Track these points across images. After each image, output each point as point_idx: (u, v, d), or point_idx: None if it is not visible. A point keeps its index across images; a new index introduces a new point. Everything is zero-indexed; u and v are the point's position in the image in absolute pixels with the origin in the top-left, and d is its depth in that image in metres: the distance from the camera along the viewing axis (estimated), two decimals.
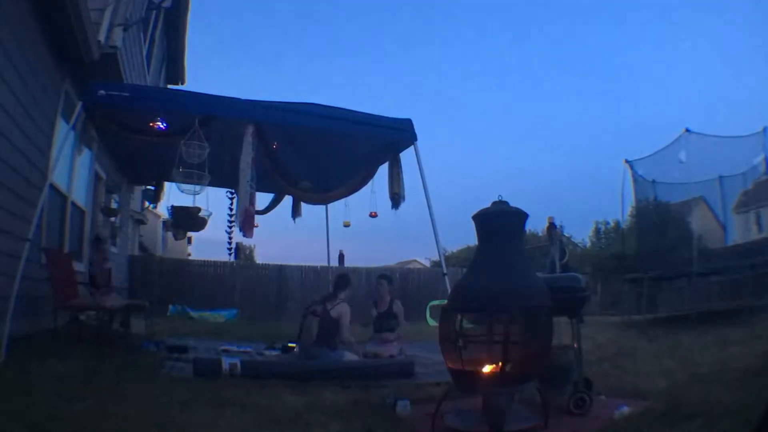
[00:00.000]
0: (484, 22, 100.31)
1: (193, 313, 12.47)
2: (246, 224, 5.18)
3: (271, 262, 16.38)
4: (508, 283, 2.99)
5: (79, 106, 4.88)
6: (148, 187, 8.73)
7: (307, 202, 7.15)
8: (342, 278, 5.79)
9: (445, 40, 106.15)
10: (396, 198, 5.69)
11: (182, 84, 13.63)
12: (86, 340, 5.35)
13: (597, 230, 31.40)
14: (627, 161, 11.72)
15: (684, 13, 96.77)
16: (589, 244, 29.63)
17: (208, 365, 4.48)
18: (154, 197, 8.29)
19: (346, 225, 7.71)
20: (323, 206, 7.83)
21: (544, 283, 3.16)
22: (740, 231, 13.57)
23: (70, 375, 3.66)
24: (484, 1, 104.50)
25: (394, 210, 5.75)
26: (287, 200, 7.67)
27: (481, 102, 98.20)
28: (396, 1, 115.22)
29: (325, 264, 10.04)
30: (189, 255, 24.90)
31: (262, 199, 7.65)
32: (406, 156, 5.77)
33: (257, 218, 7.66)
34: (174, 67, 13.16)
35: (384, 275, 6.84)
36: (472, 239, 18.84)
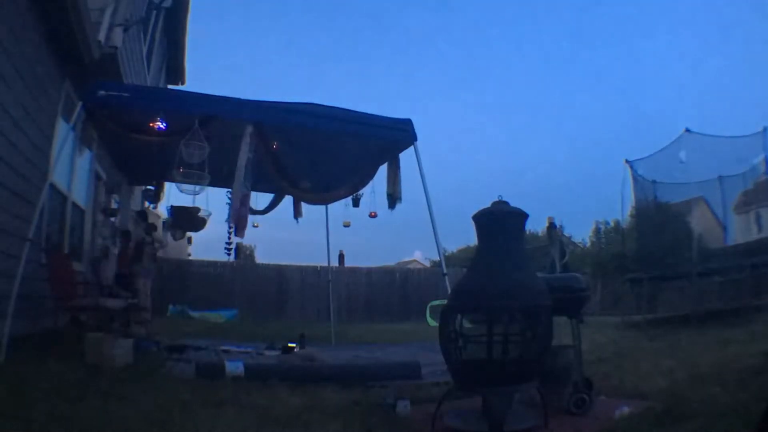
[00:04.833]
0: (485, 21, 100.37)
1: (193, 313, 12.48)
2: (239, 225, 5.19)
3: (271, 262, 16.40)
4: (508, 283, 2.99)
5: (79, 106, 4.88)
6: (148, 187, 8.72)
7: (308, 202, 7.14)
8: None
9: (445, 39, 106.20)
10: (392, 199, 5.71)
11: (182, 84, 13.62)
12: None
13: (597, 230, 31.42)
14: (627, 161, 11.72)
15: (684, 12, 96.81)
16: (589, 244, 29.64)
17: (211, 369, 4.47)
18: (154, 197, 8.29)
19: (346, 225, 7.71)
20: (323, 206, 7.82)
21: (544, 283, 3.16)
22: (740, 231, 13.57)
23: (70, 375, 3.66)
24: (484, 0, 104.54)
25: (390, 210, 5.80)
26: (287, 200, 7.68)
27: (481, 102, 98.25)
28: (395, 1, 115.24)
29: (325, 264, 10.04)
30: (189, 255, 24.86)
31: (262, 199, 7.66)
32: (407, 156, 5.78)
33: (257, 218, 7.69)
34: (174, 67, 13.16)
35: None
36: (472, 239, 18.86)
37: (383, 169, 5.93)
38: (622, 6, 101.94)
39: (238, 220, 5.15)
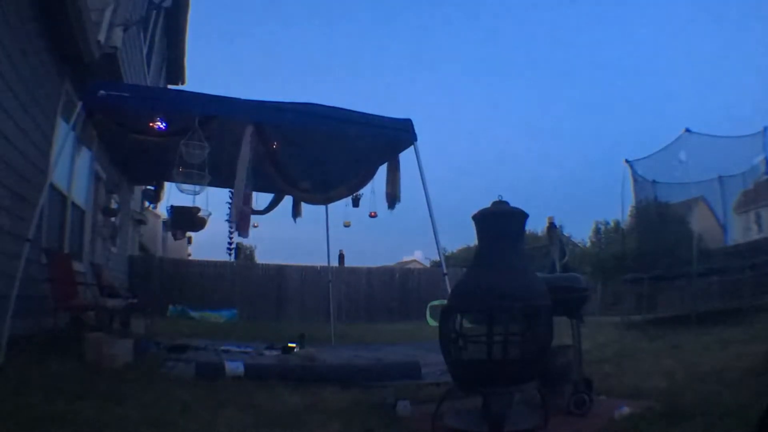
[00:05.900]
0: (485, 20, 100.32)
1: (193, 313, 12.48)
2: (242, 224, 5.19)
3: (271, 262, 16.40)
4: (508, 283, 2.99)
5: (79, 106, 4.88)
6: (148, 187, 8.74)
7: (307, 202, 7.15)
8: None
9: (445, 38, 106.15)
10: (391, 199, 5.70)
11: (182, 84, 13.64)
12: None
13: (597, 230, 31.45)
14: (627, 161, 11.74)
15: (685, 12, 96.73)
16: (589, 244, 29.67)
17: (211, 368, 4.47)
18: (154, 197, 8.30)
19: (346, 225, 7.73)
20: (323, 206, 7.83)
21: (544, 283, 3.16)
22: (740, 231, 13.58)
23: (70, 375, 3.66)
24: None
25: (390, 210, 5.80)
26: (287, 200, 7.68)
27: (481, 101, 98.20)
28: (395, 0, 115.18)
29: (325, 264, 10.04)
30: (189, 255, 24.90)
31: (262, 199, 7.66)
32: (407, 156, 5.79)
33: (257, 218, 7.72)
34: (174, 67, 13.16)
35: None
36: (472, 239, 18.87)
37: (383, 169, 5.93)
38: (623, 5, 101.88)
39: (240, 219, 5.16)
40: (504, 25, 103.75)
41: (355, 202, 6.93)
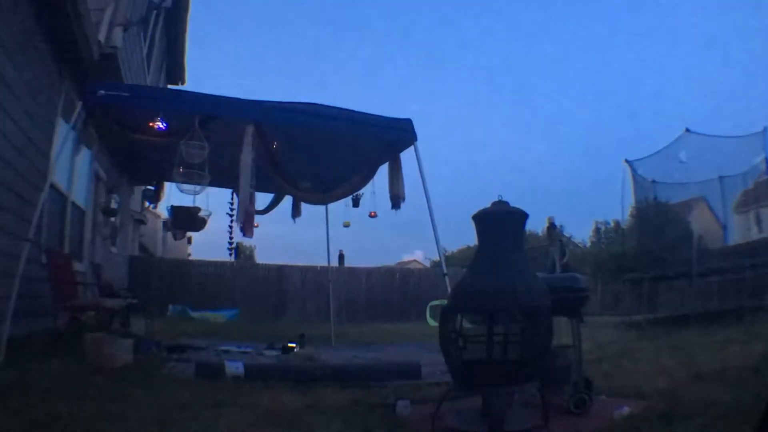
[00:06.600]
0: (486, 20, 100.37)
1: (194, 314, 12.49)
2: (246, 224, 5.20)
3: (271, 262, 16.41)
4: (508, 283, 2.99)
5: (79, 106, 4.88)
6: (148, 187, 8.73)
7: (307, 202, 7.15)
8: None
9: (445, 38, 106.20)
10: (396, 199, 5.70)
11: (182, 84, 13.63)
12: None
13: (597, 230, 31.48)
14: (627, 161, 11.77)
15: (685, 12, 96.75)
16: (589, 244, 29.71)
17: (211, 368, 4.46)
18: (154, 197, 8.29)
19: (346, 225, 7.72)
20: (323, 206, 7.83)
21: (544, 283, 3.16)
22: (740, 231, 13.60)
23: (70, 375, 3.66)
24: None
25: (394, 210, 5.79)
26: (287, 200, 7.68)
27: (481, 101, 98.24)
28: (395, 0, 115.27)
29: (325, 264, 10.05)
30: (189, 255, 24.91)
31: (262, 199, 7.66)
32: (407, 156, 5.79)
33: (257, 218, 7.72)
34: (174, 67, 13.16)
35: None
36: (472, 239, 18.85)
37: (383, 169, 5.93)
38: (622, 5, 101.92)
39: (246, 219, 5.16)
40: (504, 25, 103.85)
41: (355, 202, 6.93)
